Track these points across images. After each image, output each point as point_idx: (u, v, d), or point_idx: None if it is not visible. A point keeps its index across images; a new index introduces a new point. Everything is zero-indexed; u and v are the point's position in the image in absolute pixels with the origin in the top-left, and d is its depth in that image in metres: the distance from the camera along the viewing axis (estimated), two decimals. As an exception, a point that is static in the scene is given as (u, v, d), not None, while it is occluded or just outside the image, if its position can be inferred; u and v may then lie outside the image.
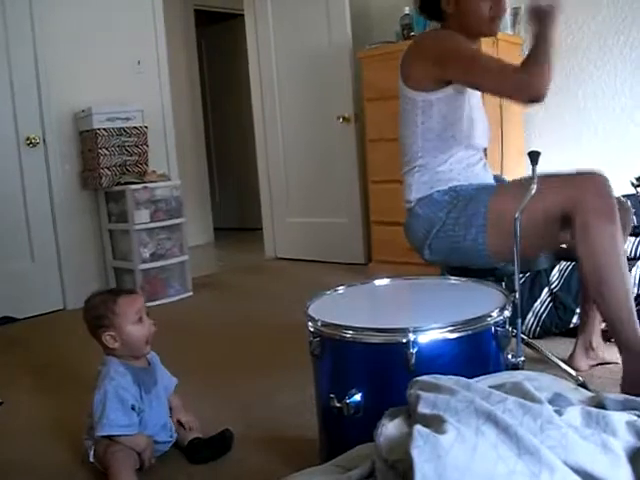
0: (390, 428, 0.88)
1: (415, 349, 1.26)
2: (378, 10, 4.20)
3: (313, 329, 1.42)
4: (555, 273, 2.39)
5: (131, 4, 3.96)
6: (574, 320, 2.30)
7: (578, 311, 2.23)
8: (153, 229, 3.59)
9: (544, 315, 2.35)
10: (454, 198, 1.83)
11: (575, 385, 1.09)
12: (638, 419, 0.87)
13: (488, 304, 1.40)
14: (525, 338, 2.03)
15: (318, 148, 4.40)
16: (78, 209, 3.73)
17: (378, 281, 1.73)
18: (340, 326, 1.35)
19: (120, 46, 3.88)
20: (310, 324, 1.43)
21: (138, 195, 3.52)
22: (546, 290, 2.37)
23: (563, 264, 2.37)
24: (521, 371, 1.35)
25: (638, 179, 2.68)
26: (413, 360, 1.26)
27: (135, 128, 3.69)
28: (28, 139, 3.51)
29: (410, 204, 1.93)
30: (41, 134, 3.58)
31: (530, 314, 2.36)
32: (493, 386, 0.95)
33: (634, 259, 2.36)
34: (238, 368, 2.37)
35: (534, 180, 1.44)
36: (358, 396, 1.32)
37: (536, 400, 0.88)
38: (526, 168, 1.57)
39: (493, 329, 1.35)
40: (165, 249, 3.65)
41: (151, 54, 4.06)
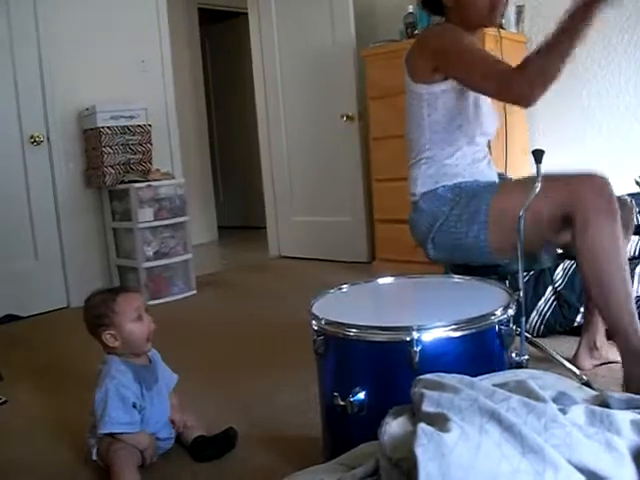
0: (394, 426, 0.88)
1: (419, 347, 1.26)
2: (382, 9, 4.20)
3: (317, 327, 1.41)
4: (559, 272, 2.38)
5: (135, 3, 3.97)
6: (578, 319, 2.29)
7: (582, 310, 2.22)
8: (157, 227, 3.59)
9: (548, 313, 2.35)
10: (457, 195, 1.83)
11: (579, 384, 1.08)
12: (643, 418, 0.87)
13: (492, 302, 1.40)
14: (529, 337, 2.02)
15: (322, 147, 4.40)
16: (82, 207, 3.73)
17: (382, 279, 1.73)
18: (344, 324, 1.35)
19: (124, 45, 3.88)
20: (314, 322, 1.43)
21: (142, 193, 3.52)
22: (550, 288, 2.37)
23: (567, 263, 2.37)
24: (525, 370, 1.34)
25: (642, 177, 2.68)
26: (417, 358, 1.26)
27: (139, 126, 3.69)
28: (32, 137, 3.52)
29: (415, 197, 1.94)
30: (45, 132, 3.58)
31: (534, 313, 2.36)
32: (497, 384, 0.95)
33: (637, 258, 2.35)
34: (242, 367, 2.37)
35: (539, 178, 1.44)
36: (362, 394, 1.32)
37: (540, 399, 0.87)
38: (530, 167, 1.57)
39: (497, 327, 1.34)
40: (169, 247, 3.66)
41: (155, 53, 4.07)
